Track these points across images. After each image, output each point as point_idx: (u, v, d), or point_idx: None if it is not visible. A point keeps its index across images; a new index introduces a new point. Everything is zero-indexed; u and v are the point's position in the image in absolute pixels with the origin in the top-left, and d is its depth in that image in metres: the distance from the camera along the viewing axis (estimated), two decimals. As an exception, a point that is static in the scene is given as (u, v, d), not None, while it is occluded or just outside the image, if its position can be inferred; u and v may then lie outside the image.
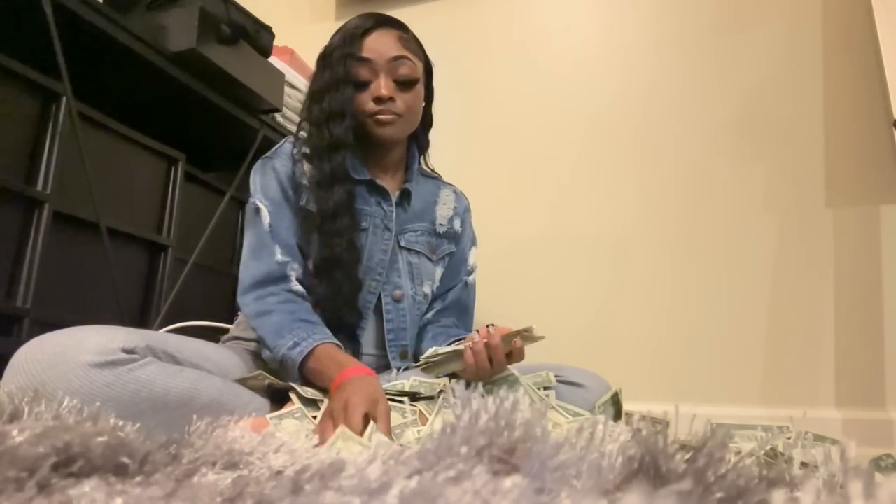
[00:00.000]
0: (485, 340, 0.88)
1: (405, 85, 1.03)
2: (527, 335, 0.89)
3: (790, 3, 1.61)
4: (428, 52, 1.13)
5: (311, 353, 0.87)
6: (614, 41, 1.77)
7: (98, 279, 1.18)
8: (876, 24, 1.34)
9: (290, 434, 0.71)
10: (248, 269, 0.98)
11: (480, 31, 1.91)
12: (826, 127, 1.52)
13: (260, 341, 0.94)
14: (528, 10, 1.87)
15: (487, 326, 0.91)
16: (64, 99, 1.09)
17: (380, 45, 1.02)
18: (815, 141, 1.52)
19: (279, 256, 0.98)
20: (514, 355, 0.91)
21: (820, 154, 1.51)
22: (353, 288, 0.98)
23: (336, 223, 0.97)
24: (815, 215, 1.49)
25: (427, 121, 1.17)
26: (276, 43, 1.54)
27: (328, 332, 0.92)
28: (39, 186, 1.05)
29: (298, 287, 0.98)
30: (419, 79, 1.05)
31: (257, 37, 1.45)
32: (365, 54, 1.01)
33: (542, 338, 0.90)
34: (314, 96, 1.04)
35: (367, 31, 1.02)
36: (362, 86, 1.02)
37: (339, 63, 1.01)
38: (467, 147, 1.81)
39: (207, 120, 1.47)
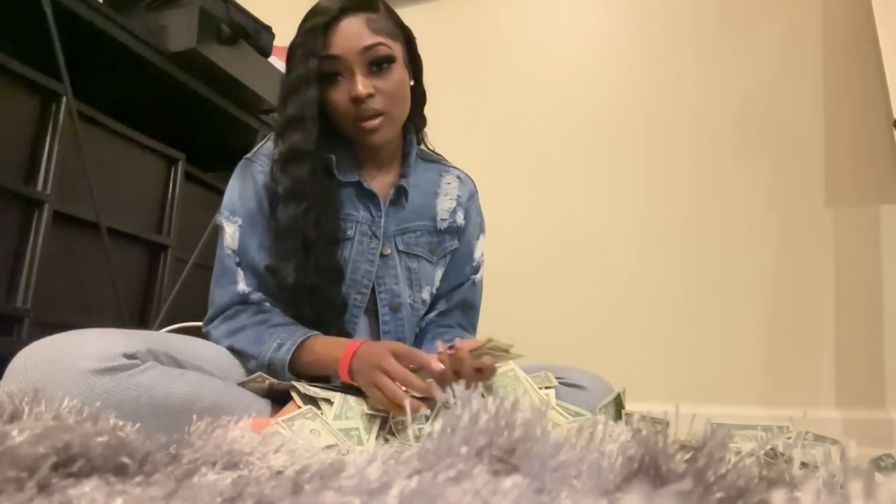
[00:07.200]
0: (451, 353, 0.78)
1: (381, 66, 0.90)
2: (494, 351, 0.79)
3: (790, 4, 1.61)
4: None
5: (300, 347, 0.85)
6: (614, 42, 1.77)
7: (98, 279, 1.18)
8: (876, 25, 1.34)
9: (308, 434, 0.71)
10: (213, 297, 0.95)
11: (480, 31, 1.91)
12: (826, 127, 1.52)
13: (240, 356, 0.90)
14: (528, 11, 1.87)
15: (449, 347, 0.80)
16: (64, 99, 1.09)
17: (347, 38, 0.89)
18: (815, 141, 1.52)
19: (241, 286, 0.92)
20: (483, 371, 0.79)
21: (820, 154, 1.51)
22: (334, 310, 0.92)
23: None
24: (815, 215, 1.49)
25: (419, 96, 1.04)
26: (276, 43, 1.54)
27: (307, 329, 0.88)
28: (39, 186, 1.05)
29: (266, 304, 0.93)
30: (395, 57, 0.92)
31: (257, 37, 1.46)
32: (332, 51, 0.89)
33: (508, 351, 0.79)
34: (279, 102, 0.94)
35: (329, 24, 0.89)
36: (333, 80, 0.90)
37: (301, 62, 0.89)
38: (467, 147, 1.81)
39: (207, 120, 1.47)
